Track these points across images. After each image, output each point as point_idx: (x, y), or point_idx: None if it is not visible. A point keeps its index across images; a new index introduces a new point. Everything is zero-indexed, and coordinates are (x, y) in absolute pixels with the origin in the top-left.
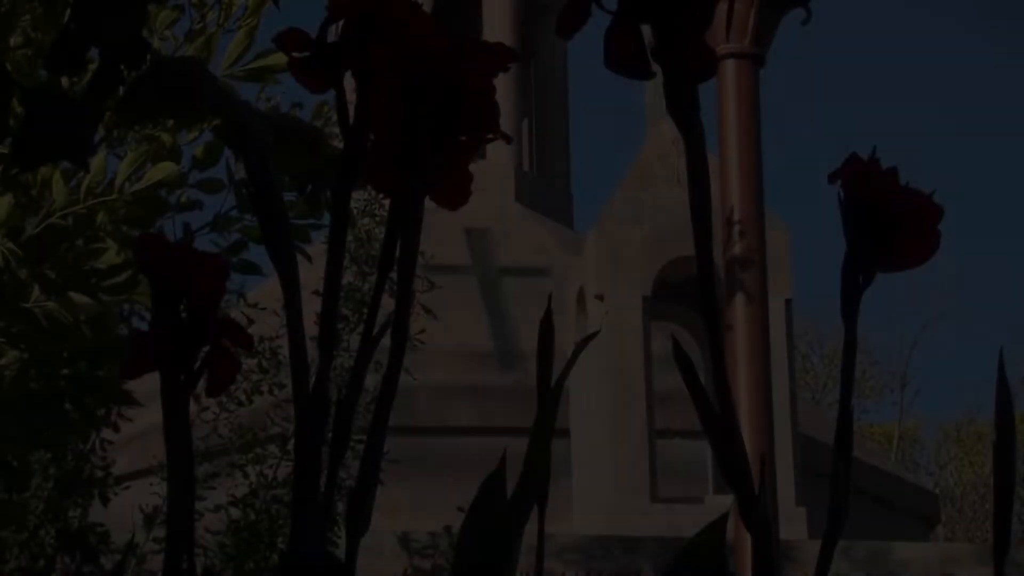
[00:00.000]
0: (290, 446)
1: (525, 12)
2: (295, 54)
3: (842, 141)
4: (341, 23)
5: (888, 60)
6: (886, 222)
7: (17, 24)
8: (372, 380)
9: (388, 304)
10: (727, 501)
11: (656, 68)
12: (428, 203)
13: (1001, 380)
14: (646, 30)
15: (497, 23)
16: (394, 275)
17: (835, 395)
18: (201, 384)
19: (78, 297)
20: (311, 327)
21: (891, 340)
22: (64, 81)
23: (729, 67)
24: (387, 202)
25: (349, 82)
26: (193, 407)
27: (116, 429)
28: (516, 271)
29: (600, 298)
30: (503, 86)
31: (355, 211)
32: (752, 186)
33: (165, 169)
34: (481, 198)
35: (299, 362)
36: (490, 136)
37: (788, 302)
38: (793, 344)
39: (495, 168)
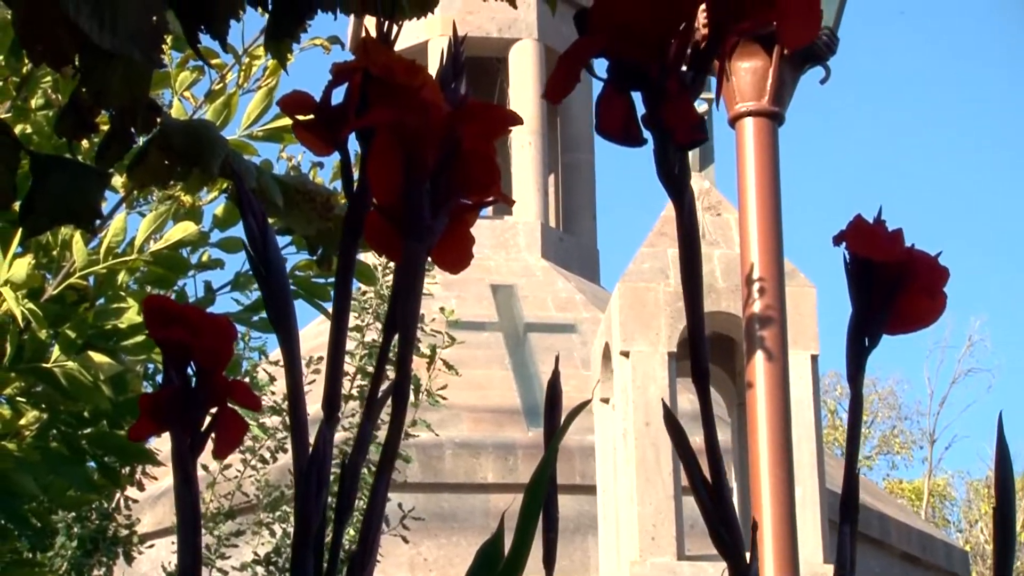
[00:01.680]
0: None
1: (552, 70)
2: (299, 116)
3: (880, 192)
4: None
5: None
6: (892, 284)
7: (38, 86)
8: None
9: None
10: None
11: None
12: None
13: (1000, 443)
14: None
15: (523, 81)
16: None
17: (865, 451)
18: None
19: (98, 357)
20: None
21: (921, 396)
22: (84, 144)
23: (748, 125)
24: None
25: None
26: (216, 465)
27: (141, 488)
28: (542, 327)
29: (626, 355)
30: (529, 143)
31: (376, 268)
32: (772, 244)
33: (186, 229)
34: (507, 255)
35: (299, 424)
36: (491, 199)
37: (814, 358)
38: (820, 400)
39: (521, 225)
